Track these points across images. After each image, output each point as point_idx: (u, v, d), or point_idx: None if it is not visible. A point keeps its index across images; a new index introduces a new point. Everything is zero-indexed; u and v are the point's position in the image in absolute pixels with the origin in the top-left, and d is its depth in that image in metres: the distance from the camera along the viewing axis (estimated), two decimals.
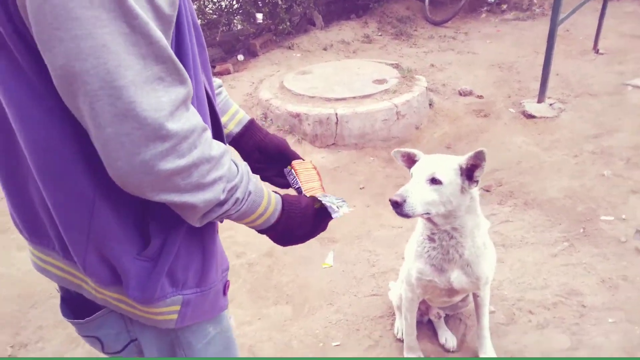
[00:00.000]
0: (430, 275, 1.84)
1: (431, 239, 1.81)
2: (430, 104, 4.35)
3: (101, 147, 0.72)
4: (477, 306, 2.04)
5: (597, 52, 5.33)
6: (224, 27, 5.65)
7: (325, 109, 3.93)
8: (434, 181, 1.62)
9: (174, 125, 0.72)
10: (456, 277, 1.81)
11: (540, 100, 4.19)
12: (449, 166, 1.63)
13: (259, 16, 5.30)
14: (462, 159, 1.63)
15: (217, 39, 5.29)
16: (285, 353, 2.20)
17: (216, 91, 1.18)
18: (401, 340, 2.18)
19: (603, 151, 3.53)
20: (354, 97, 4.07)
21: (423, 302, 2.16)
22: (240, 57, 5.34)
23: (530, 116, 4.08)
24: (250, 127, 1.24)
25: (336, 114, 3.88)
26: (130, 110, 0.68)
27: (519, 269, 2.55)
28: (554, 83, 4.60)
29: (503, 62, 5.34)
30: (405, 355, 2.12)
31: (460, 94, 4.63)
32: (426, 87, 4.30)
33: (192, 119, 0.76)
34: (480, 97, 4.57)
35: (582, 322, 2.19)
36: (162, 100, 0.71)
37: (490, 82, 4.90)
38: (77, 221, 0.84)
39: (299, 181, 1.19)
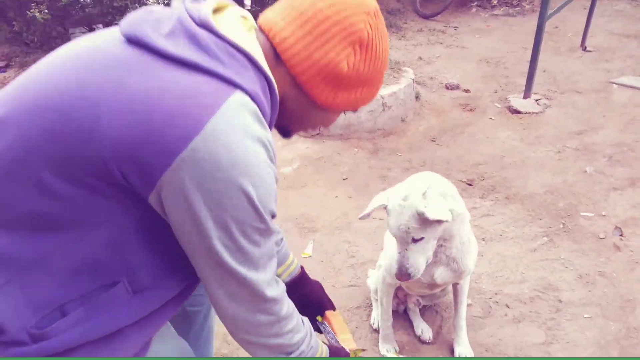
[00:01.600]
0: None
1: None
2: (416, 97, 4.33)
3: (218, 299, 0.94)
4: (456, 294, 2.04)
5: (584, 49, 5.34)
6: None
7: None
8: (416, 240, 1.59)
9: (271, 292, 0.96)
10: (440, 274, 1.80)
11: (526, 95, 4.19)
12: (416, 218, 1.54)
13: (247, 2, 5.23)
14: (422, 209, 1.53)
15: None
16: None
17: (277, 248, 1.38)
18: (377, 331, 2.17)
19: (586, 148, 3.54)
20: None
21: (401, 289, 2.14)
22: None
23: (516, 111, 4.08)
24: (300, 280, 1.42)
25: None
26: (249, 284, 0.92)
27: (497, 263, 2.54)
28: (540, 79, 4.60)
29: (491, 57, 5.33)
30: (380, 346, 2.10)
31: (447, 88, 4.61)
32: (413, 80, 4.27)
33: (279, 286, 1.00)
34: (467, 91, 4.56)
35: (558, 317, 2.19)
36: (266, 277, 0.95)
37: (478, 76, 4.89)
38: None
39: (334, 334, 1.41)
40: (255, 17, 1.01)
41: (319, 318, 1.51)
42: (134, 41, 0.85)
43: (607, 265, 2.46)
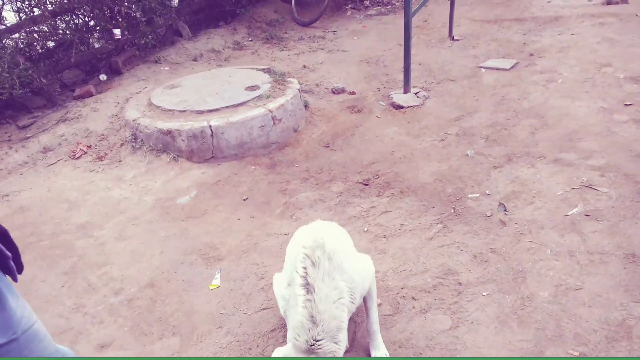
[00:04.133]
0: None
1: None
2: (305, 105, 4.38)
3: None
4: (364, 301, 2.07)
5: (452, 39, 5.72)
6: (83, 47, 5.26)
7: (198, 123, 3.80)
8: None
9: None
10: None
11: (406, 90, 4.39)
12: None
13: (117, 32, 5.00)
14: None
15: (72, 60, 4.91)
16: None
17: None
18: None
19: (465, 132, 3.78)
20: (227, 107, 3.98)
21: None
22: (103, 76, 5.00)
23: (399, 107, 4.26)
24: None
25: (210, 126, 3.76)
26: None
27: (400, 257, 2.63)
28: (418, 72, 4.85)
29: (371, 57, 5.54)
30: None
31: (334, 92, 4.72)
32: (299, 89, 4.32)
33: None
34: (353, 93, 4.69)
35: (460, 300, 2.30)
36: None
37: (361, 77, 5.05)
38: None
39: None
40: (131, 45, 0.97)
41: None
42: None
43: (496, 241, 2.63)
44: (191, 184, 3.57)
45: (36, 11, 4.85)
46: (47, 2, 4.73)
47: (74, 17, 5.25)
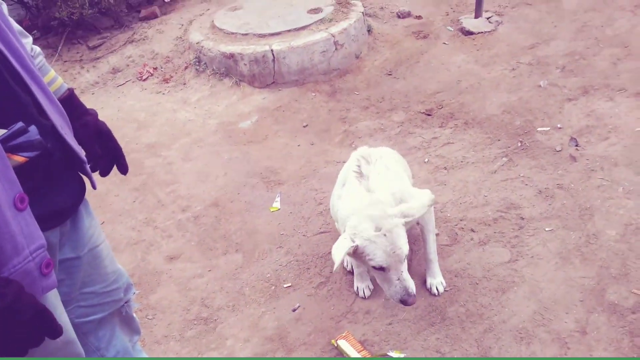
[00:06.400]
0: None
1: None
2: (369, 30, 4.23)
3: None
4: (421, 232, 2.09)
5: None
6: None
7: (260, 47, 3.77)
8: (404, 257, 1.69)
9: None
10: None
11: (478, 15, 4.12)
12: (403, 232, 1.71)
13: None
14: (412, 215, 1.73)
15: None
16: (238, 301, 2.22)
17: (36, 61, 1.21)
18: (351, 272, 2.22)
19: (539, 61, 3.54)
20: (289, 31, 3.90)
21: None
22: None
23: (469, 32, 4.03)
24: (73, 104, 1.28)
25: (272, 50, 3.72)
26: None
27: (460, 190, 2.59)
28: None
29: None
30: (356, 284, 2.16)
31: (399, 17, 4.51)
32: (363, 13, 4.15)
33: None
34: (419, 17, 4.46)
35: (521, 234, 2.27)
36: None
37: (429, 0, 4.77)
38: None
39: (353, 349, 1.91)
40: None
41: (333, 342, 1.94)
42: None
43: (564, 177, 2.53)
44: (252, 109, 3.61)
45: None
46: None
47: None
